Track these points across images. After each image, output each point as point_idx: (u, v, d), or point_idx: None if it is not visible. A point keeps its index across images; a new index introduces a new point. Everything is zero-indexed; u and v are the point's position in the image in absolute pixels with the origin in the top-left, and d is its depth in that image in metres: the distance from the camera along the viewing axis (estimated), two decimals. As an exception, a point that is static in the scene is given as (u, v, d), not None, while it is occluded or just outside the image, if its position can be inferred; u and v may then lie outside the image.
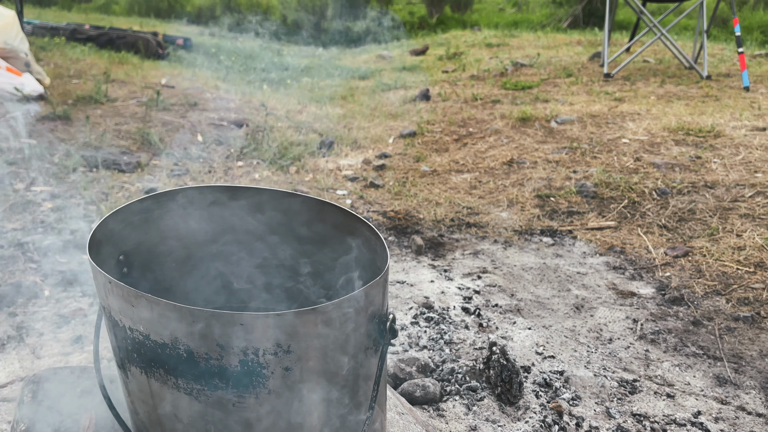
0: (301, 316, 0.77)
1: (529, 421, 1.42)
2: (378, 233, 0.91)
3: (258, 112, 4.33)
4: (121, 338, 0.86)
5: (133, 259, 1.01)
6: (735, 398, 1.53)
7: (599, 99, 4.22)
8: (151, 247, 1.01)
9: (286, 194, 1.03)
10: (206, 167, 3.19)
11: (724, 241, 2.26)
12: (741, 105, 3.92)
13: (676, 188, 2.69)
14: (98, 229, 0.92)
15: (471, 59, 6.07)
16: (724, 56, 5.59)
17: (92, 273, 0.88)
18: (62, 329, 1.75)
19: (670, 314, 1.89)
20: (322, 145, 3.69)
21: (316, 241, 1.02)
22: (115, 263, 0.99)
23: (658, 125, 3.52)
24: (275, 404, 0.82)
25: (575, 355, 1.69)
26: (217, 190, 1.04)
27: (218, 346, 0.78)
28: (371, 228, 0.93)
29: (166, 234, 1.03)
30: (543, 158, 3.18)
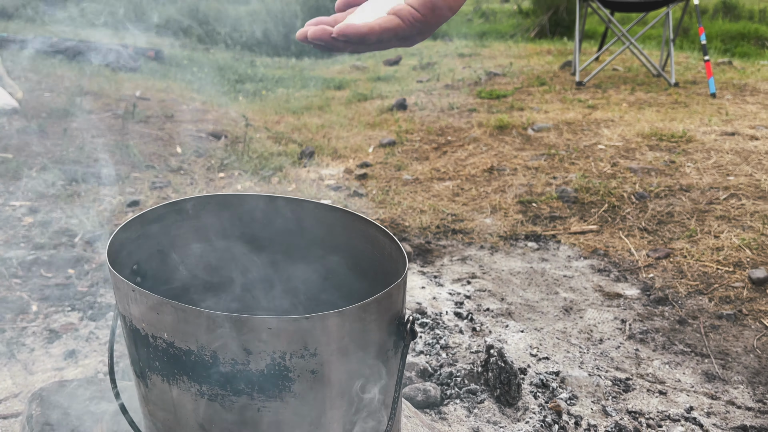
0: (328, 319, 0.78)
1: (529, 422, 1.44)
2: (393, 237, 0.93)
3: (236, 123, 4.32)
4: (143, 347, 0.86)
5: (146, 268, 1.01)
6: (724, 393, 1.58)
7: (573, 107, 4.32)
8: (164, 256, 1.01)
9: (295, 201, 1.04)
10: (187, 179, 3.18)
11: (703, 242, 2.33)
12: (709, 111, 4.04)
13: (654, 192, 2.77)
14: (114, 239, 0.92)
15: (444, 69, 6.14)
16: (689, 64, 5.76)
17: (113, 282, 0.88)
18: (54, 344, 1.72)
19: (657, 314, 1.95)
20: (302, 155, 3.70)
21: (331, 245, 1.03)
22: (129, 273, 0.99)
23: (631, 131, 3.61)
24: (300, 408, 0.83)
25: (569, 356, 1.72)
26: (227, 198, 1.05)
27: (245, 351, 0.79)
28: (385, 232, 0.95)
29: (179, 243, 1.03)
30: (522, 165, 3.24)
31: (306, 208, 1.02)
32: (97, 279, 2.10)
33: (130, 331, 0.88)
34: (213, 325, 0.78)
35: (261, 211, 1.02)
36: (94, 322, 1.84)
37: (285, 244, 1.05)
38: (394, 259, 0.94)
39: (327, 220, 1.00)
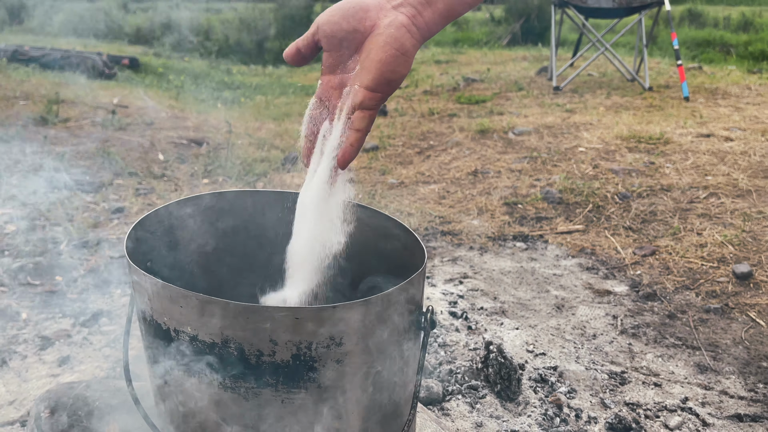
0: (354, 309, 0.79)
1: (531, 415, 1.46)
2: (409, 229, 0.94)
3: (217, 130, 4.30)
4: (163, 342, 0.86)
5: (160, 264, 1.01)
6: (717, 383, 1.62)
7: (551, 111, 4.38)
8: (176, 253, 1.01)
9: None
10: (172, 185, 3.15)
11: (687, 239, 2.38)
12: (683, 114, 4.14)
13: (636, 192, 2.82)
14: (129, 236, 0.92)
15: (422, 75, 6.19)
16: (661, 69, 5.89)
17: (133, 278, 0.87)
18: (46, 351, 1.69)
19: (646, 309, 1.99)
20: (286, 160, 3.69)
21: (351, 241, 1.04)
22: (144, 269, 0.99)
23: (610, 134, 3.68)
24: (325, 398, 0.83)
25: (564, 352, 1.75)
26: (241, 194, 1.05)
27: (271, 342, 0.79)
28: (401, 225, 0.96)
29: (192, 239, 1.03)
30: (506, 168, 3.28)
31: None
32: (86, 285, 2.07)
33: (149, 327, 0.88)
34: (240, 317, 0.78)
35: (273, 208, 1.02)
36: (86, 328, 1.81)
37: None
38: (410, 251, 0.95)
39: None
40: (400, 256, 0.98)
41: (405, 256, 0.97)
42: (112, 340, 1.75)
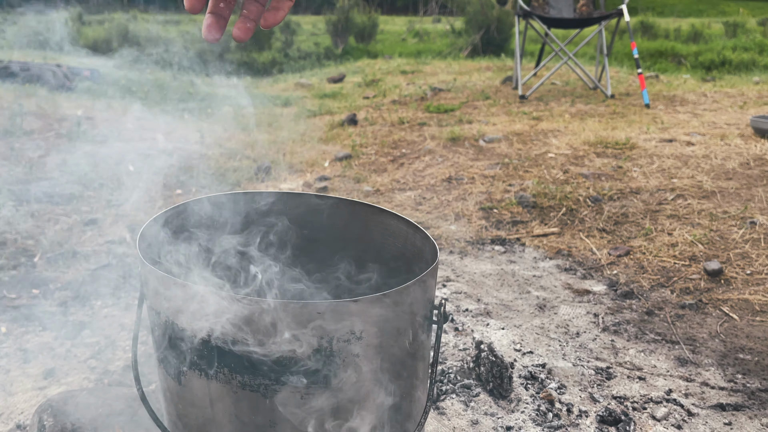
0: (374, 302, 0.81)
1: (524, 411, 1.49)
2: (421, 228, 0.96)
3: (186, 140, 4.26)
4: (180, 343, 0.86)
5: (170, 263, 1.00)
6: (697, 375, 1.68)
7: (519, 119, 4.47)
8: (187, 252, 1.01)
9: (325, 197, 1.06)
10: (144, 196, 3.10)
11: (659, 239, 2.46)
12: (645, 120, 4.28)
13: (607, 195, 2.90)
14: (141, 236, 0.91)
15: (389, 85, 6.24)
16: (621, 78, 6.07)
17: (146, 280, 0.87)
18: (30, 364, 1.65)
19: (625, 307, 2.04)
20: (258, 170, 3.68)
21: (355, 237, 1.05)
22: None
23: (578, 140, 3.78)
24: (344, 391, 0.84)
25: (551, 349, 1.79)
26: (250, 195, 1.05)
27: (293, 337, 0.80)
28: (409, 222, 0.98)
29: (202, 239, 1.03)
30: (479, 174, 3.33)
31: (326, 203, 1.04)
32: (65, 298, 2.02)
33: (165, 328, 0.87)
34: (263, 314, 0.79)
35: (284, 207, 1.03)
36: (69, 340, 1.77)
37: (309, 238, 1.06)
38: (418, 248, 0.97)
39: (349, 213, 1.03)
40: (405, 252, 1.00)
41: (411, 252, 0.99)
42: (96, 351, 1.72)
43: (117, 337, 1.80)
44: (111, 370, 1.62)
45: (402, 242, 0.99)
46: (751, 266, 2.22)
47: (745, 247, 2.34)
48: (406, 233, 0.98)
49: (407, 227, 0.97)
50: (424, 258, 0.94)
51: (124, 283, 2.14)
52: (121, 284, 2.13)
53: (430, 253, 0.93)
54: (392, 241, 1.01)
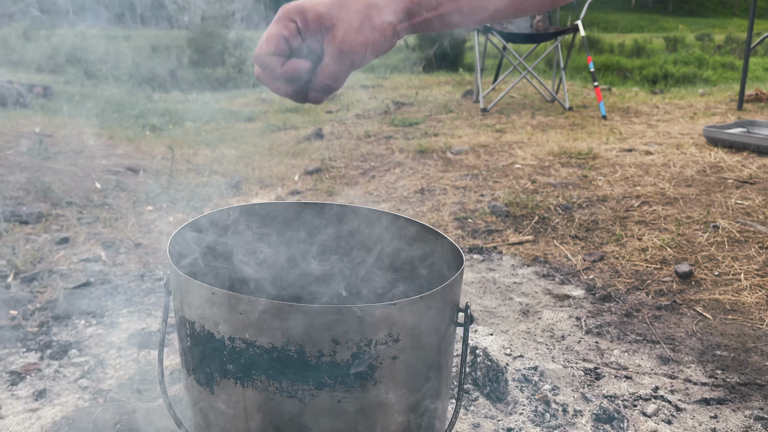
0: (412, 305, 0.83)
1: (523, 413, 1.53)
2: (444, 235, 0.99)
3: (152, 157, 4.20)
4: (214, 351, 0.86)
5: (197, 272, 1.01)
6: (680, 372, 1.75)
7: (483, 131, 4.57)
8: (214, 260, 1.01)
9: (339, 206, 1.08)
10: (115, 213, 3.05)
11: (630, 244, 2.56)
12: (604, 131, 4.43)
13: (576, 203, 3.00)
14: (171, 246, 0.92)
15: (351, 100, 6.29)
16: (576, 91, 6.27)
17: (180, 288, 0.87)
18: (18, 386, 1.61)
19: (605, 310, 2.12)
20: (228, 185, 3.66)
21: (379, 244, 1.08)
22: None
23: (542, 151, 3.89)
24: (380, 395, 0.86)
25: (539, 353, 1.84)
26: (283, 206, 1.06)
27: (333, 342, 0.82)
28: (435, 231, 1.01)
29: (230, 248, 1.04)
30: (450, 185, 3.39)
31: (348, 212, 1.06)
32: (45, 318, 1.97)
33: (198, 337, 0.88)
34: (302, 318, 0.80)
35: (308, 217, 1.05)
36: (56, 361, 1.73)
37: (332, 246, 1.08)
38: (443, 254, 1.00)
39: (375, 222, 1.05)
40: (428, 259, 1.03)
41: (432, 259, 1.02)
42: (86, 371, 1.69)
43: (106, 356, 1.76)
44: (104, 389, 1.59)
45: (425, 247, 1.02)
46: (719, 268, 2.33)
47: (711, 249, 2.45)
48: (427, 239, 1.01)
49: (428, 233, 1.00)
50: (446, 261, 0.97)
51: (106, 301, 2.10)
52: (104, 303, 2.09)
53: (451, 255, 0.96)
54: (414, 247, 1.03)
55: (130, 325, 1.95)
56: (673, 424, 1.53)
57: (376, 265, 1.08)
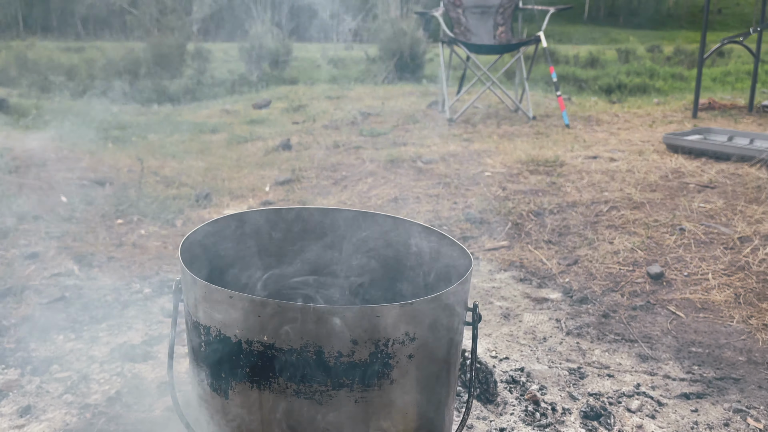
0: (428, 304, 0.85)
1: (514, 413, 1.56)
2: (453, 240, 1.01)
3: (117, 170, 4.12)
4: (230, 356, 0.86)
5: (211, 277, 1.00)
6: (659, 369, 1.81)
7: (451, 141, 4.64)
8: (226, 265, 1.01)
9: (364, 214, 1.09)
10: (84, 227, 2.99)
11: (602, 247, 2.63)
12: (568, 139, 4.54)
13: (547, 209, 3.07)
14: (183, 255, 0.92)
15: (317, 111, 6.29)
16: (538, 100, 6.41)
17: (196, 293, 0.87)
18: (1, 404, 1.56)
19: (582, 312, 2.17)
20: (198, 197, 3.62)
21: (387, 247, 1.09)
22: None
23: (511, 159, 3.96)
24: (396, 393, 0.88)
25: (524, 354, 1.87)
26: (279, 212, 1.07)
27: (352, 342, 0.83)
28: (443, 235, 1.03)
29: (242, 254, 1.04)
30: (423, 193, 3.43)
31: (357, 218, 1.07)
32: (23, 334, 1.92)
33: (214, 342, 0.88)
34: (323, 319, 0.81)
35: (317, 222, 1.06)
36: (38, 377, 1.69)
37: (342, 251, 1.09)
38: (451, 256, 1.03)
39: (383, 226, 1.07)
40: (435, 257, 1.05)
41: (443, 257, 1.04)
42: (69, 386, 1.65)
43: (88, 370, 1.73)
44: (90, 403, 1.56)
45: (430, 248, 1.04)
46: (687, 268, 2.41)
47: (679, 251, 2.54)
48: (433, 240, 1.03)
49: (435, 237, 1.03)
50: (453, 262, 1.00)
51: (84, 315, 2.06)
52: (81, 317, 2.05)
53: (460, 257, 0.99)
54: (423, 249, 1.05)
55: (111, 339, 1.91)
56: (656, 418, 1.58)
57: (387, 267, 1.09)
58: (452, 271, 1.02)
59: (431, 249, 1.06)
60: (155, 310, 2.12)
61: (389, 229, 1.09)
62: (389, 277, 1.11)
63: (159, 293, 2.26)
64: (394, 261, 1.09)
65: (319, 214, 1.09)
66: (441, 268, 1.05)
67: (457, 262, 1.00)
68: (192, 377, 0.95)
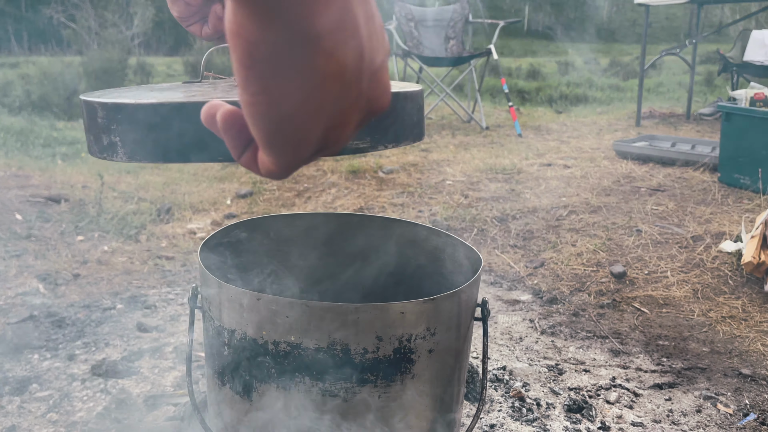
0: (447, 299, 0.89)
1: (501, 409, 1.61)
2: (457, 237, 1.06)
3: (71, 186, 4.02)
4: (256, 358, 0.88)
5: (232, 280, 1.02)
6: (631, 363, 1.90)
7: (409, 151, 4.71)
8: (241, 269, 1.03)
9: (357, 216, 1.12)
10: (44, 245, 2.90)
11: (565, 250, 2.73)
12: (522, 148, 4.69)
13: (510, 215, 3.16)
14: (202, 258, 0.93)
15: (271, 124, 6.28)
16: (488, 111, 6.57)
17: (221, 297, 0.89)
18: (-20, 426, 1.51)
19: (554, 311, 2.25)
20: (160, 211, 3.56)
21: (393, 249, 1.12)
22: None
23: (469, 168, 4.06)
24: (416, 387, 0.91)
25: (504, 354, 1.93)
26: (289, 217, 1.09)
27: (377, 338, 0.86)
28: (451, 236, 1.07)
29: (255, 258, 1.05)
30: (388, 202, 3.48)
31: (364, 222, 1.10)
32: (-7, 354, 1.86)
33: (239, 345, 0.89)
34: (349, 318, 0.84)
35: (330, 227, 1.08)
36: (17, 397, 1.64)
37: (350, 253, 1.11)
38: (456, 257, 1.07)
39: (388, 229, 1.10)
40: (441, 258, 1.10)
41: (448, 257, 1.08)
42: (52, 405, 1.61)
43: (70, 388, 1.69)
44: (77, 420, 1.53)
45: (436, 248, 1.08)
46: (647, 267, 2.53)
47: (638, 251, 2.66)
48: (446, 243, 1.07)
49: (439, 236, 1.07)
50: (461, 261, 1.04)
51: (57, 334, 2.01)
52: (54, 335, 2.00)
53: (465, 256, 1.03)
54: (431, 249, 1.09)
55: (88, 356, 1.87)
56: (634, 408, 1.66)
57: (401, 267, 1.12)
58: (461, 269, 1.07)
59: (439, 248, 1.10)
60: (131, 326, 2.09)
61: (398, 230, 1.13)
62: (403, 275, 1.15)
63: (132, 308, 2.22)
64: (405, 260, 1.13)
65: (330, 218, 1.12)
66: (451, 266, 1.09)
67: (464, 261, 1.05)
68: (211, 383, 0.96)
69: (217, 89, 0.76)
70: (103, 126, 0.62)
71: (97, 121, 0.63)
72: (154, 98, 0.62)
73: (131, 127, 0.60)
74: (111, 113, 0.61)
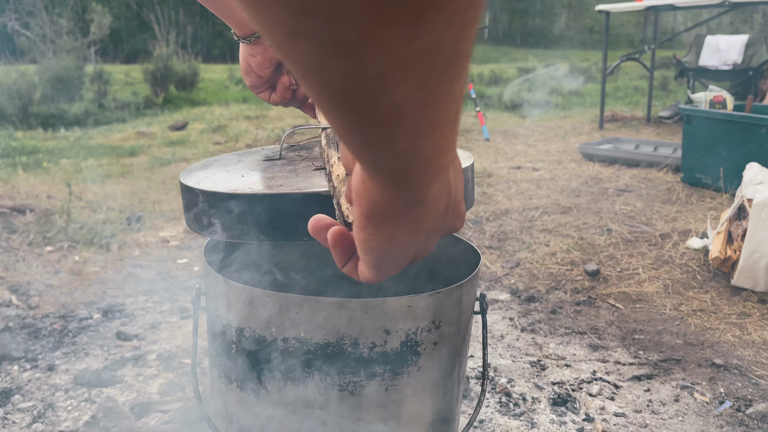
0: (452, 292, 0.91)
1: (489, 405, 1.64)
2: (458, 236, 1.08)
3: (36, 196, 3.93)
4: (265, 355, 0.89)
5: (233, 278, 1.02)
6: (609, 357, 1.95)
7: (379, 156, 4.74)
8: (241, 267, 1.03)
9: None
10: (12, 256, 2.84)
11: (539, 250, 2.79)
12: (491, 152, 4.76)
13: (484, 217, 3.21)
14: (207, 257, 0.94)
15: (238, 131, 6.24)
16: (455, 117, 6.65)
17: (229, 295, 0.89)
18: (-39, 439, 1.48)
19: (532, 310, 2.30)
20: (130, 221, 3.51)
21: None
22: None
23: (440, 172, 4.11)
24: (422, 379, 0.93)
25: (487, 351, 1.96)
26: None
27: (385, 332, 0.88)
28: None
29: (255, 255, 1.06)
30: (362, 207, 3.50)
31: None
32: (-31, 367, 1.81)
33: (248, 343, 0.90)
34: (357, 311, 0.86)
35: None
36: (0, 408, 1.61)
37: None
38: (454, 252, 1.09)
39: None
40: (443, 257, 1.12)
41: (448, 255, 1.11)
42: (37, 415, 1.58)
43: (53, 399, 1.66)
44: (63, 430, 1.50)
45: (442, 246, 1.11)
46: (620, 265, 2.61)
47: (610, 249, 2.74)
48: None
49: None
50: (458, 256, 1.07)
51: (34, 345, 1.96)
52: (32, 346, 1.95)
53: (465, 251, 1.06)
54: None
55: (69, 366, 1.84)
56: (615, 400, 1.71)
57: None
58: (458, 264, 1.09)
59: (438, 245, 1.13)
60: (110, 335, 2.06)
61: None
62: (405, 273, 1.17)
63: (110, 318, 2.19)
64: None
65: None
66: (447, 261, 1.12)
67: (461, 256, 1.07)
68: (217, 384, 0.97)
69: (299, 173, 0.88)
70: (203, 209, 0.78)
71: (198, 204, 0.81)
72: (248, 186, 0.78)
73: (228, 212, 0.74)
74: (211, 199, 0.78)
